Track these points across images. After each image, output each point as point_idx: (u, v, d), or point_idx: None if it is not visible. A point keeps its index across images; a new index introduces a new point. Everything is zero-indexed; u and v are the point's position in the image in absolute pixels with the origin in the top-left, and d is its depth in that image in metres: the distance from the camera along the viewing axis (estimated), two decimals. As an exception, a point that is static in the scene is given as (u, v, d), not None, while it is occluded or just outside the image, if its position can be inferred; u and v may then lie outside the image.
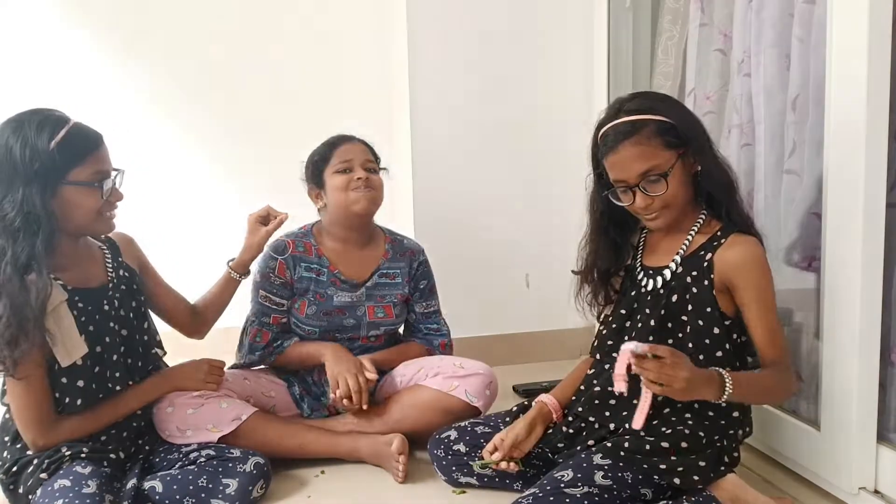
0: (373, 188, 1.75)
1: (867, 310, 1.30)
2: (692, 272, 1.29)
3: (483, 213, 2.48)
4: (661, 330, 1.31)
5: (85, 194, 1.35)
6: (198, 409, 1.53)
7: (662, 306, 1.31)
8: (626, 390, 1.14)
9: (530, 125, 2.49)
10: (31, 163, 1.28)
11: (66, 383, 1.36)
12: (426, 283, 1.89)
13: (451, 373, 1.69)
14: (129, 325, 1.49)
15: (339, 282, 1.78)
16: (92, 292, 1.43)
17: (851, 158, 1.29)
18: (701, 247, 1.30)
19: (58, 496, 1.23)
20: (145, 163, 2.67)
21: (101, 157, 1.38)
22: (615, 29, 2.36)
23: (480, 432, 1.51)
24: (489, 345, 2.40)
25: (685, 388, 1.10)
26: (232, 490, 1.40)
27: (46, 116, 1.33)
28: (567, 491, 1.19)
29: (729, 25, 1.78)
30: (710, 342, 1.27)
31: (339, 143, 1.80)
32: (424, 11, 2.39)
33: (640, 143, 1.25)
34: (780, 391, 1.29)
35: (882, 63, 1.25)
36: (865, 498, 1.33)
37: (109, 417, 1.42)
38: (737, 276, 1.25)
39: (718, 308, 1.28)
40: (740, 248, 1.26)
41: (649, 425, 1.26)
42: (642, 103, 1.29)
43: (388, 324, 1.83)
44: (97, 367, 1.40)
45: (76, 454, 1.32)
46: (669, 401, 1.27)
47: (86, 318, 1.40)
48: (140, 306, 1.54)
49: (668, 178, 1.26)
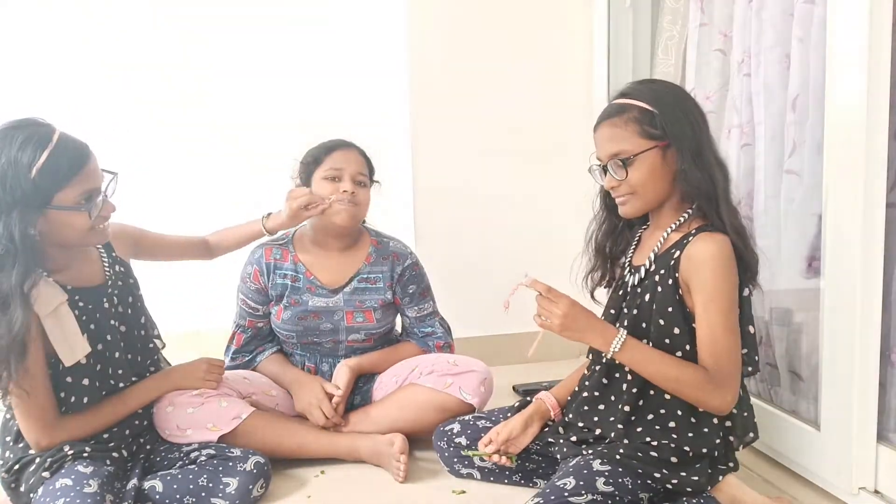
0: (356, 203, 1.72)
1: (867, 310, 1.30)
2: (661, 270, 1.27)
3: (483, 213, 2.48)
4: (635, 329, 1.28)
5: (72, 217, 1.31)
6: (198, 408, 1.53)
7: (636, 306, 1.30)
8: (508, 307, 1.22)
9: (530, 125, 2.49)
10: (12, 192, 1.24)
11: (70, 382, 1.37)
12: (416, 288, 1.84)
13: (445, 371, 1.69)
14: (128, 321, 1.50)
15: (315, 287, 1.77)
16: (91, 291, 1.43)
17: (851, 158, 1.29)
18: (673, 245, 1.27)
19: (59, 495, 1.23)
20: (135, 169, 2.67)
21: (88, 174, 1.32)
22: (615, 29, 2.36)
23: (483, 426, 1.52)
24: (489, 345, 2.40)
25: (562, 324, 1.19)
26: (232, 489, 1.40)
27: (29, 135, 1.27)
28: (572, 500, 1.18)
29: (729, 25, 1.78)
30: (670, 342, 1.24)
31: (335, 149, 1.77)
32: (424, 12, 2.40)
33: (615, 125, 1.26)
34: (689, 390, 1.19)
35: (882, 63, 1.25)
36: (865, 498, 1.33)
37: (111, 417, 1.42)
38: (692, 274, 1.21)
39: (684, 308, 1.24)
40: (700, 244, 1.21)
41: (634, 432, 1.26)
42: (640, 89, 1.28)
43: (368, 328, 1.80)
44: (99, 365, 1.41)
45: (78, 453, 1.32)
46: (651, 406, 1.26)
47: (87, 317, 1.40)
48: (136, 301, 1.55)
49: (627, 166, 1.25)
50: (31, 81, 2.66)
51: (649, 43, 2.31)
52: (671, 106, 1.25)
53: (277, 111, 2.78)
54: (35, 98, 2.62)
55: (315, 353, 1.83)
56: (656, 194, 1.28)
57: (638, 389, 1.28)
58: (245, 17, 2.79)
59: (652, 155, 1.24)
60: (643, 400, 1.28)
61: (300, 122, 2.66)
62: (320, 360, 1.83)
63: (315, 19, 2.84)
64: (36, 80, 2.66)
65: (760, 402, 1.65)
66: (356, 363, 1.77)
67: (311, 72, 2.83)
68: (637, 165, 1.25)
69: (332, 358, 1.82)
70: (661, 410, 1.27)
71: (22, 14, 2.66)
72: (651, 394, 1.28)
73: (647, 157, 1.24)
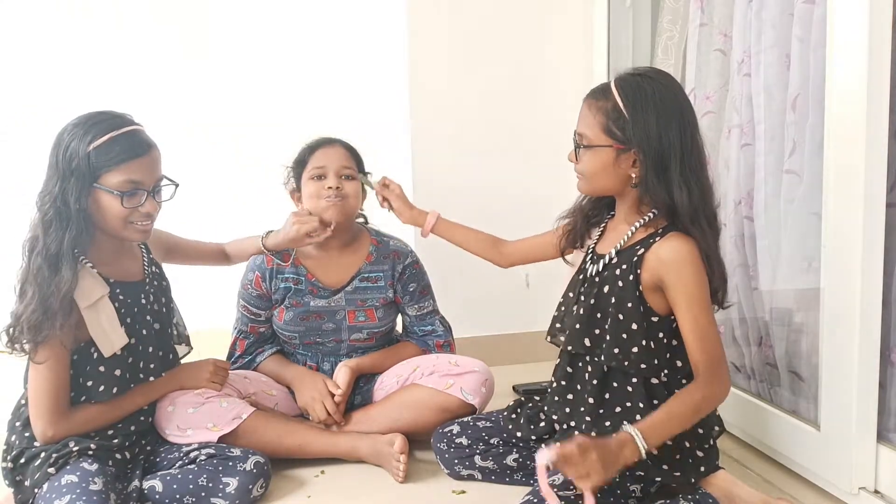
0: (344, 197, 1.72)
1: (867, 310, 1.30)
2: (622, 265, 1.27)
3: (483, 213, 2.47)
4: (589, 319, 1.30)
5: (110, 201, 1.38)
6: (198, 407, 1.53)
7: (594, 295, 1.30)
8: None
9: (530, 125, 2.49)
10: (70, 161, 1.33)
11: (103, 372, 1.40)
12: (416, 286, 1.84)
13: (446, 371, 1.69)
14: (161, 319, 1.54)
15: (317, 289, 1.77)
16: (131, 286, 1.47)
17: (851, 158, 1.29)
18: (639, 242, 1.27)
19: (65, 491, 1.24)
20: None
21: (139, 166, 1.38)
22: (615, 29, 2.36)
23: (482, 426, 1.53)
24: (489, 345, 2.40)
25: (603, 466, 1.06)
26: (232, 489, 1.40)
27: (105, 118, 1.38)
28: (560, 494, 1.19)
29: (729, 25, 1.78)
30: (626, 337, 1.24)
31: (317, 147, 1.77)
32: (424, 12, 2.40)
33: (590, 108, 1.27)
34: (707, 405, 1.20)
35: (882, 63, 1.25)
36: (865, 498, 1.33)
37: (117, 412, 1.43)
38: (666, 273, 1.22)
39: (643, 304, 1.24)
40: (672, 244, 1.22)
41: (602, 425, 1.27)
42: (631, 83, 1.24)
43: (370, 327, 1.81)
44: (131, 358, 1.44)
45: (84, 450, 1.34)
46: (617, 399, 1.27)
47: (125, 311, 1.44)
48: (169, 302, 1.59)
49: (579, 152, 1.28)
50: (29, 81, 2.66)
51: (649, 43, 2.31)
52: (649, 115, 1.20)
53: (276, 112, 2.78)
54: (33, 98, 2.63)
55: (317, 352, 1.83)
56: (603, 187, 1.30)
57: (598, 381, 1.29)
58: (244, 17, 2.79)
59: (606, 152, 1.25)
60: (608, 393, 1.29)
61: (300, 123, 2.66)
62: (322, 359, 1.83)
63: (315, 19, 2.84)
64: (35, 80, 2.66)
65: (760, 402, 1.65)
66: (356, 364, 1.77)
67: (310, 72, 2.83)
68: (590, 156, 1.27)
69: (334, 357, 1.82)
70: (626, 403, 1.27)
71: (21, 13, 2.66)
72: (614, 385, 1.28)
73: (601, 152, 1.25)
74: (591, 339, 1.29)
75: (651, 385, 1.26)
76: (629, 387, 1.27)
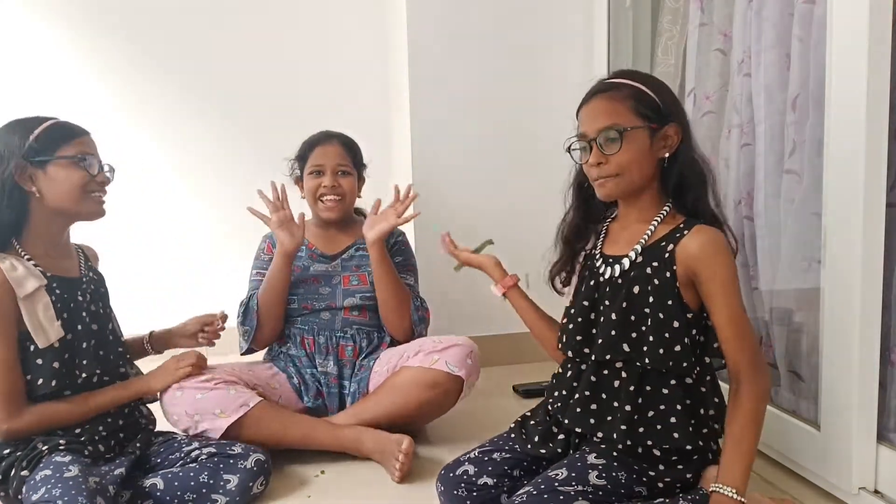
0: (340, 195, 1.88)
1: (867, 310, 1.30)
2: (652, 263, 1.24)
3: (483, 213, 2.48)
4: (624, 322, 1.26)
5: (72, 171, 1.41)
6: (206, 393, 1.56)
7: (623, 297, 1.26)
8: None
9: (530, 125, 2.50)
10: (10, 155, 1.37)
11: (41, 364, 1.39)
12: (402, 259, 1.95)
13: (430, 349, 1.73)
14: (99, 321, 1.52)
15: (316, 256, 1.92)
16: (68, 281, 1.47)
17: (851, 158, 1.29)
18: (663, 238, 1.25)
19: (40, 485, 1.24)
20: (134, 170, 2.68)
21: (86, 142, 1.45)
22: (615, 29, 2.36)
23: (500, 459, 1.36)
24: (489, 345, 2.40)
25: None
26: (232, 486, 1.40)
27: (30, 118, 1.42)
28: (561, 489, 1.18)
29: (729, 25, 1.78)
30: (669, 336, 1.22)
31: (316, 145, 1.91)
32: (424, 12, 2.40)
33: (612, 98, 1.24)
34: (763, 404, 1.19)
35: (882, 63, 1.25)
36: (865, 498, 1.33)
37: (82, 408, 1.42)
38: (700, 266, 1.19)
39: (681, 301, 1.22)
40: (703, 237, 1.20)
41: (636, 433, 1.24)
42: (629, 73, 1.28)
43: (363, 292, 1.87)
44: (67, 354, 1.43)
45: (53, 447, 1.34)
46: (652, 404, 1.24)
47: (61, 305, 1.43)
48: (107, 309, 1.58)
49: (624, 139, 1.22)
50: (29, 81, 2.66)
51: (649, 43, 2.31)
52: (667, 92, 1.26)
53: (276, 112, 2.78)
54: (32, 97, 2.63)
55: (313, 325, 1.87)
56: (641, 177, 1.25)
57: (635, 387, 1.25)
58: (244, 15, 2.79)
59: (642, 136, 1.22)
60: (642, 398, 1.25)
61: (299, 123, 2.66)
62: (318, 332, 1.86)
63: (316, 20, 2.84)
64: (34, 80, 2.66)
65: (760, 402, 1.65)
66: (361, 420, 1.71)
67: (310, 72, 2.83)
68: (626, 145, 1.22)
69: (329, 332, 1.85)
70: (661, 407, 1.24)
71: (19, 13, 2.66)
72: (648, 389, 1.25)
73: (638, 137, 1.22)
74: (630, 344, 1.24)
75: (686, 385, 1.23)
76: (665, 389, 1.23)
